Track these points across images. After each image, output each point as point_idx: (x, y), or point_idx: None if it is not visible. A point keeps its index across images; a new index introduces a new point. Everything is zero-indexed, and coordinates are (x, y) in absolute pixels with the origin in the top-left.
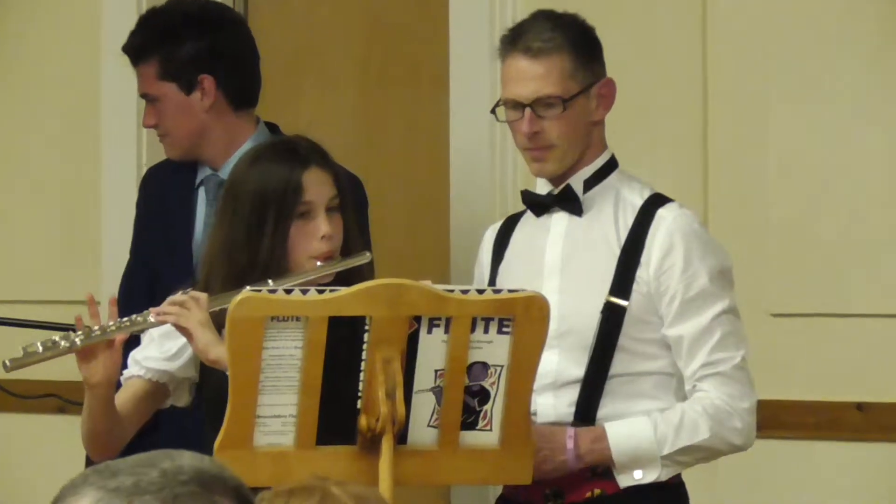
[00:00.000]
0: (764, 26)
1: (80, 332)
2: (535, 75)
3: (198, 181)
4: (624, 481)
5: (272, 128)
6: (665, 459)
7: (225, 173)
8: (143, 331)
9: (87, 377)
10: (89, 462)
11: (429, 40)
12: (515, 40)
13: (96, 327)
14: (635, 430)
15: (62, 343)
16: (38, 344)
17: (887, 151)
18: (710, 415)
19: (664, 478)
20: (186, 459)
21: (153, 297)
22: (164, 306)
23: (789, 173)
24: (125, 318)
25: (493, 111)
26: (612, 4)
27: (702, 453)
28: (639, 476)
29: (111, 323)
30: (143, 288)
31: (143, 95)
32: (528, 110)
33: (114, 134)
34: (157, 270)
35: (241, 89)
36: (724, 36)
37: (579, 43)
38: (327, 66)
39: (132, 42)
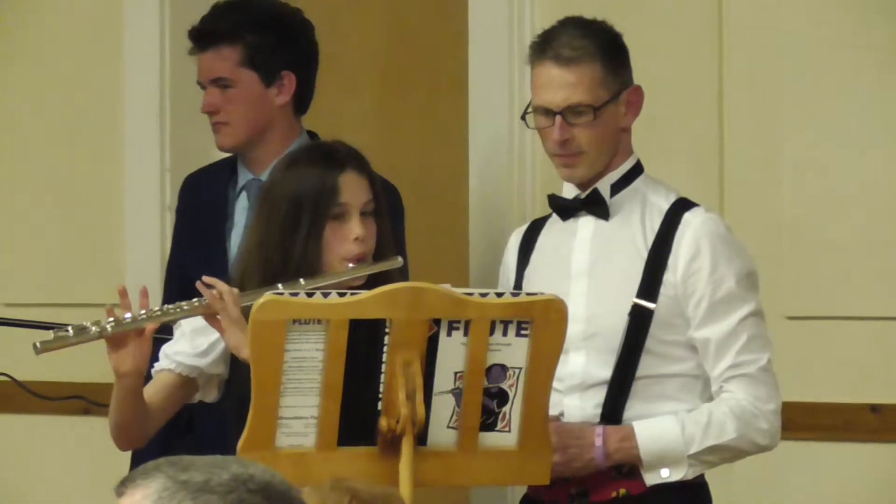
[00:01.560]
0: (779, 32)
1: (111, 320)
2: (565, 83)
3: (239, 186)
4: (651, 480)
5: (312, 136)
6: (692, 459)
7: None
8: (174, 321)
9: (117, 366)
10: (116, 463)
11: (448, 45)
12: (545, 47)
13: (128, 314)
14: (663, 430)
15: (93, 329)
16: (69, 328)
17: None
18: (736, 416)
19: (690, 476)
20: (258, 471)
21: None
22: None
23: (804, 177)
24: (156, 308)
25: (523, 118)
26: (628, 10)
27: (728, 453)
28: (665, 475)
29: (142, 311)
30: (180, 295)
31: (215, 80)
32: (558, 118)
33: (137, 137)
34: (193, 277)
35: (306, 94)
36: (740, 41)
37: (609, 50)
38: (347, 71)
39: (214, 24)
